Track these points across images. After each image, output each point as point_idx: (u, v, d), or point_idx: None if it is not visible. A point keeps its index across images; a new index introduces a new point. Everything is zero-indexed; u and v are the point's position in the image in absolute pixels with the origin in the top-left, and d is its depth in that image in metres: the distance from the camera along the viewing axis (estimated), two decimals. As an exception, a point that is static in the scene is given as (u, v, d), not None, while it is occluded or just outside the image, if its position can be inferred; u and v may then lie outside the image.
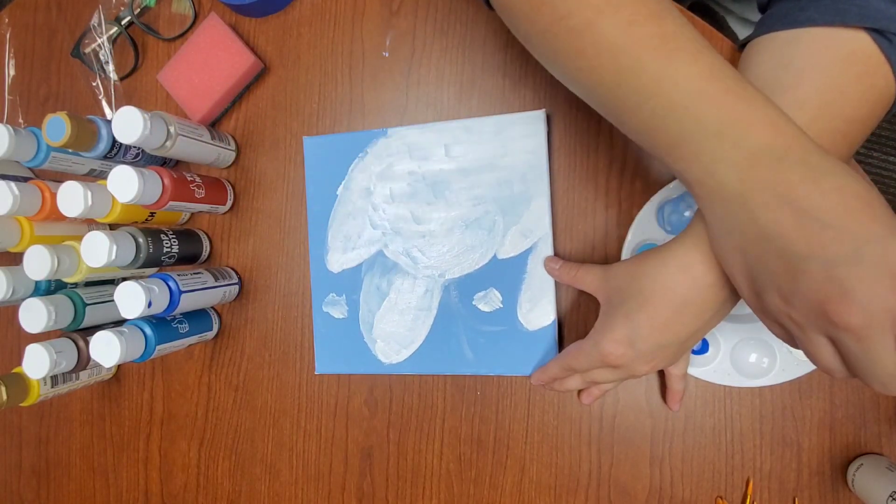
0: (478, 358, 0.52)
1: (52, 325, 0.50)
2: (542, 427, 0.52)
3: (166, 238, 0.53)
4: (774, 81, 0.39)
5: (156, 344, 0.50)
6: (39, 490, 0.66)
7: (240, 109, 0.59)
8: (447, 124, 0.52)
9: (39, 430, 0.66)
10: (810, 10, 0.38)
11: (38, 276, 0.49)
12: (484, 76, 0.53)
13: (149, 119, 0.47)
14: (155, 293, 0.48)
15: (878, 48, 0.36)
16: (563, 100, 0.51)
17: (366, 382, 0.56)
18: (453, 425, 0.54)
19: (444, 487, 0.54)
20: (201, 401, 0.60)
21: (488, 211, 0.52)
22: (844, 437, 0.47)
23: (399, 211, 0.54)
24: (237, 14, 0.59)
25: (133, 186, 0.47)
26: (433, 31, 0.54)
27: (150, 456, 0.62)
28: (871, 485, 0.43)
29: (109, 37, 0.61)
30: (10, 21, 0.66)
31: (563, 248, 0.52)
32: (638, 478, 0.51)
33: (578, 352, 0.43)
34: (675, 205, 0.48)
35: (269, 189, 0.59)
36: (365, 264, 0.55)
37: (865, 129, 0.38)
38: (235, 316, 0.60)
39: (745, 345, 0.47)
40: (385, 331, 0.54)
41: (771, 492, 0.48)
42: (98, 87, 0.62)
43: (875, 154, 1.08)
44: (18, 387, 0.53)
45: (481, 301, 0.52)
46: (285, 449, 0.58)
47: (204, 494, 0.61)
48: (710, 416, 0.49)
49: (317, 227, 0.56)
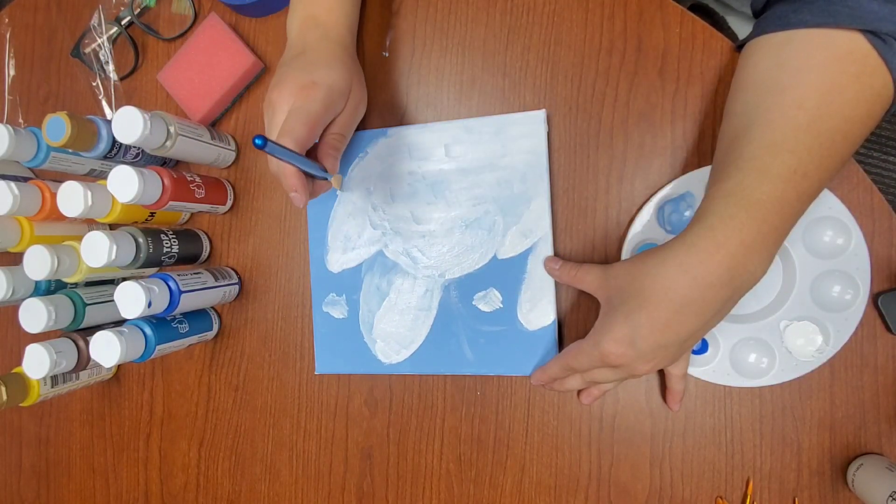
0: (478, 358, 0.52)
1: (52, 325, 0.50)
2: (542, 427, 0.52)
3: (166, 238, 0.53)
4: (772, 82, 0.39)
5: (156, 344, 0.50)
6: (39, 490, 0.66)
7: (240, 109, 0.59)
8: (447, 124, 0.52)
9: (39, 430, 0.65)
10: (803, 11, 0.38)
11: (38, 276, 0.49)
12: (484, 76, 0.53)
13: (149, 119, 0.47)
14: (155, 293, 0.48)
15: (873, 49, 0.36)
16: (563, 100, 0.51)
17: (366, 382, 0.56)
18: (453, 425, 0.54)
19: (444, 487, 0.54)
20: (201, 401, 0.60)
21: (488, 211, 0.52)
22: (844, 437, 0.47)
23: (399, 211, 0.54)
24: (237, 14, 0.59)
25: (133, 186, 0.47)
26: (433, 31, 0.54)
27: (150, 456, 0.62)
28: (871, 485, 0.43)
29: (109, 37, 0.61)
30: (10, 21, 0.66)
31: (563, 248, 0.52)
32: (638, 478, 0.51)
33: (578, 351, 0.43)
34: (675, 205, 0.48)
35: (269, 189, 0.59)
36: (365, 264, 0.55)
37: (864, 129, 0.38)
38: (235, 316, 0.60)
39: (745, 345, 0.47)
40: (385, 331, 0.54)
41: (771, 492, 0.48)
42: (98, 87, 0.62)
43: (875, 154, 1.08)
44: (18, 387, 0.53)
45: (481, 301, 0.52)
46: (285, 449, 0.58)
47: (204, 494, 0.61)
48: (710, 416, 0.49)
49: (317, 227, 0.56)
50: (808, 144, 0.37)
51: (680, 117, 0.49)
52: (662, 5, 0.49)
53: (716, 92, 0.49)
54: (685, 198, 0.47)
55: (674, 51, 0.49)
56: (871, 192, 0.46)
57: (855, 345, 0.47)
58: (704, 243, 0.37)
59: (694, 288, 0.37)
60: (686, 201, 0.47)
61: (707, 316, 0.38)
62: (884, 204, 0.46)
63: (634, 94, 0.50)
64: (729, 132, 0.41)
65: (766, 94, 0.39)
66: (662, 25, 0.49)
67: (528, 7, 0.52)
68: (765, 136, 0.38)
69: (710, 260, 0.37)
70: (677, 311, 0.38)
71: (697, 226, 0.38)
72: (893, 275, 0.46)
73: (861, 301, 0.45)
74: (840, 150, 0.38)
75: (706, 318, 0.38)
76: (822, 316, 0.46)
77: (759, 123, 0.38)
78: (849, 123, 0.37)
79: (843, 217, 0.45)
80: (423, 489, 0.55)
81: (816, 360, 0.46)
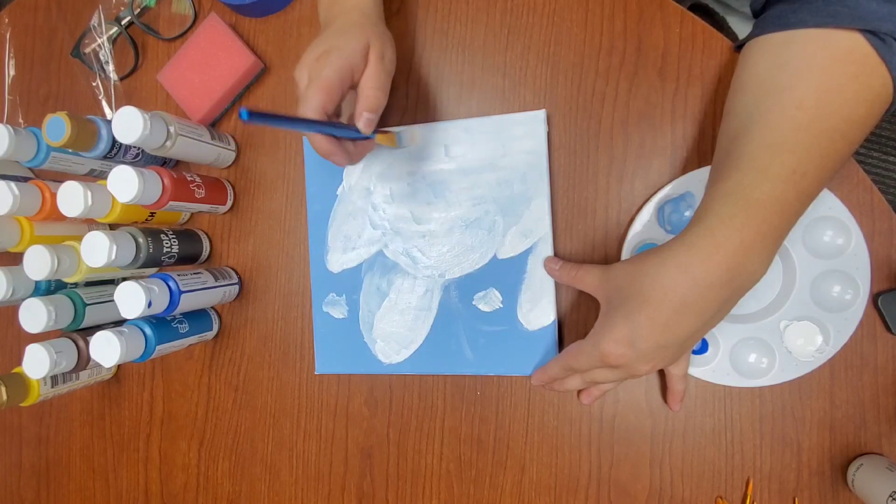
0: (478, 358, 0.52)
1: (52, 325, 0.50)
2: (542, 427, 0.52)
3: (166, 238, 0.53)
4: (771, 82, 0.39)
5: (156, 344, 0.50)
6: (39, 490, 0.66)
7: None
8: (447, 124, 0.52)
9: (39, 430, 0.65)
10: (802, 12, 0.38)
11: (38, 276, 0.49)
12: (484, 76, 0.53)
13: (149, 119, 0.47)
14: (155, 293, 0.48)
15: (872, 49, 0.36)
16: (563, 100, 0.51)
17: (366, 382, 0.56)
18: (453, 425, 0.54)
19: (444, 487, 0.54)
20: (201, 401, 0.60)
21: (488, 211, 0.52)
22: (844, 437, 0.47)
23: (399, 211, 0.54)
24: (237, 14, 0.59)
25: (133, 186, 0.47)
26: (433, 32, 0.54)
27: (150, 456, 0.62)
28: (871, 485, 0.43)
29: (109, 37, 0.61)
30: (10, 21, 0.66)
31: (563, 248, 0.52)
32: (638, 478, 0.51)
33: (578, 352, 0.43)
34: (675, 205, 0.48)
35: (269, 189, 0.59)
36: (365, 264, 0.55)
37: (864, 128, 0.38)
38: (235, 316, 0.60)
39: (745, 345, 0.47)
40: (385, 331, 0.54)
41: (771, 492, 0.48)
42: (98, 87, 0.62)
43: (875, 154, 1.08)
44: (18, 387, 0.53)
45: (481, 301, 0.52)
46: (285, 449, 0.58)
47: (204, 494, 0.61)
48: (710, 416, 0.49)
49: (317, 227, 0.56)
50: (807, 144, 0.37)
51: (680, 117, 0.49)
52: (662, 5, 0.49)
53: (716, 92, 0.49)
54: (685, 198, 0.47)
55: (674, 51, 0.49)
56: (871, 192, 0.46)
57: (855, 345, 0.47)
58: (704, 243, 0.37)
59: (693, 288, 0.37)
60: (686, 201, 0.47)
61: (707, 316, 0.38)
62: (884, 204, 0.46)
63: (634, 94, 0.50)
64: (728, 132, 0.41)
65: (765, 95, 0.39)
66: (662, 25, 0.49)
67: (528, 7, 0.52)
68: (764, 136, 0.38)
69: (710, 260, 0.36)
70: (677, 312, 0.38)
71: (697, 226, 0.38)
72: (893, 275, 0.46)
73: (861, 301, 0.45)
74: (839, 150, 0.38)
75: (706, 319, 0.38)
76: (822, 316, 0.46)
77: (759, 123, 0.38)
78: (848, 123, 0.37)
79: (843, 217, 0.45)
80: (423, 489, 0.55)
81: (816, 360, 0.46)
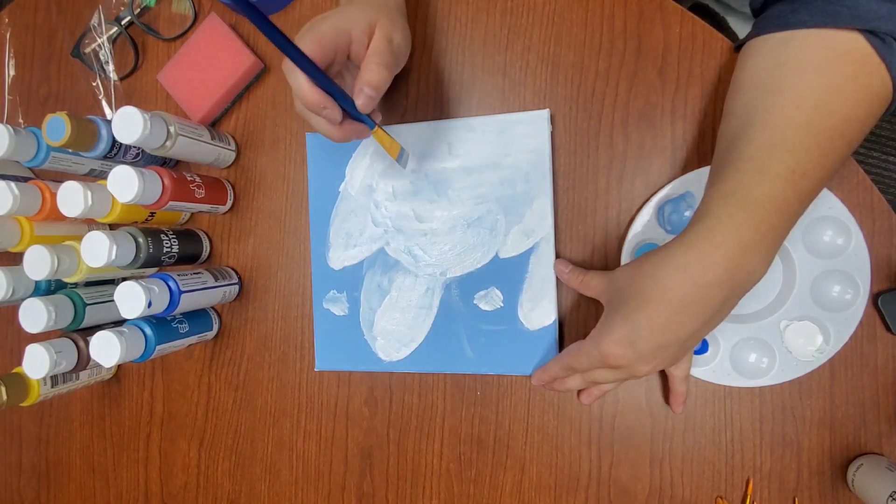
0: (478, 357, 0.52)
1: (52, 325, 0.50)
2: (542, 427, 0.52)
3: (166, 238, 0.53)
4: (771, 82, 0.39)
5: (156, 344, 0.50)
6: (39, 490, 0.66)
7: (240, 109, 0.59)
8: (451, 123, 0.52)
9: (39, 430, 0.65)
10: (802, 12, 0.38)
11: (38, 276, 0.49)
12: (484, 76, 0.53)
13: (149, 119, 0.47)
14: (155, 293, 0.48)
15: (872, 48, 0.36)
16: (563, 100, 0.51)
17: (366, 382, 0.56)
18: (453, 425, 0.54)
19: (444, 487, 0.54)
20: (201, 401, 0.60)
21: (490, 210, 0.52)
22: (844, 437, 0.47)
23: (401, 208, 0.54)
24: (237, 14, 0.59)
25: (133, 186, 0.47)
26: (433, 31, 0.54)
27: (150, 456, 0.62)
28: (871, 485, 0.43)
29: (109, 37, 0.61)
30: (10, 21, 0.66)
31: (564, 247, 0.52)
32: (638, 478, 0.51)
33: (579, 352, 0.43)
34: (675, 205, 0.48)
35: (269, 189, 0.59)
36: (366, 261, 0.55)
37: (863, 128, 0.38)
38: (235, 316, 0.60)
39: (745, 345, 0.47)
40: (385, 328, 0.54)
41: (771, 492, 0.48)
42: (98, 87, 0.62)
43: (875, 154, 1.08)
44: (18, 387, 0.53)
45: (482, 300, 0.52)
46: (285, 449, 0.58)
47: (204, 494, 0.61)
48: (710, 416, 0.49)
49: (318, 224, 0.56)
50: (806, 144, 0.37)
51: (680, 117, 0.49)
52: (662, 5, 0.49)
53: (716, 92, 0.49)
54: (685, 198, 0.47)
55: (674, 51, 0.49)
56: (871, 192, 0.46)
57: (855, 345, 0.47)
58: (703, 244, 0.37)
59: (693, 288, 0.37)
60: (686, 201, 0.47)
61: (706, 316, 0.38)
62: (884, 204, 0.46)
63: (634, 94, 0.50)
64: (728, 132, 0.41)
65: (764, 95, 0.39)
66: (662, 25, 0.49)
67: (528, 7, 0.52)
68: (763, 136, 0.38)
69: (709, 260, 0.36)
70: (677, 312, 0.38)
71: (696, 226, 0.38)
72: (893, 275, 0.46)
73: (861, 301, 0.45)
74: (839, 150, 0.38)
75: (706, 319, 0.38)
76: (822, 316, 0.46)
77: (758, 123, 0.38)
78: (847, 123, 0.37)
79: (843, 217, 0.45)
80: (423, 489, 0.55)
81: (816, 360, 0.46)
